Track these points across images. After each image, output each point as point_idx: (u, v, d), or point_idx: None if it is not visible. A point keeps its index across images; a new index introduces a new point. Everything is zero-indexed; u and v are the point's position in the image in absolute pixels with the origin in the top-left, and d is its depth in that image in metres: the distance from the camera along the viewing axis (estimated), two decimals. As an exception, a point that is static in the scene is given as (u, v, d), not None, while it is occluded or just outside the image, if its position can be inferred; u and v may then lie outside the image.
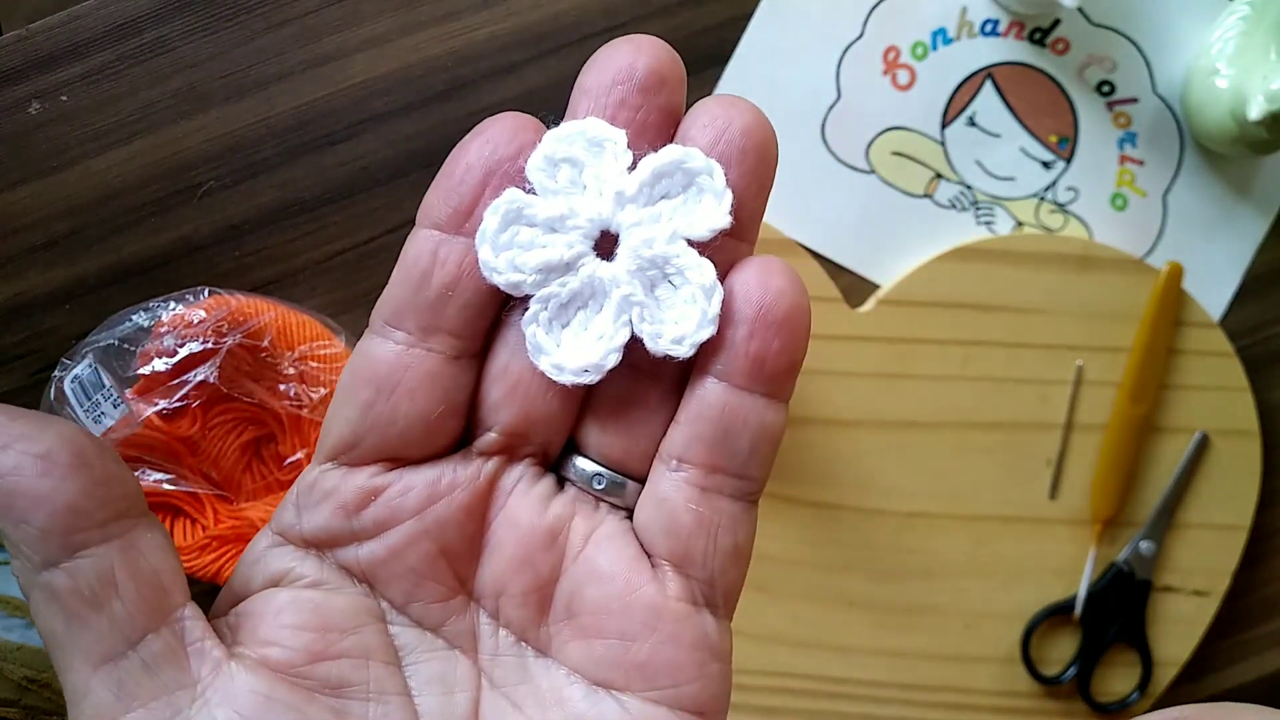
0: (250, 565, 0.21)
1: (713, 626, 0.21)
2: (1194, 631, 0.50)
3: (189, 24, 0.47)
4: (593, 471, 0.22)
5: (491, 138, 0.20)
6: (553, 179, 0.20)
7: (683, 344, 0.20)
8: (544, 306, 0.20)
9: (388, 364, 0.20)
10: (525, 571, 0.21)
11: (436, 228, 0.20)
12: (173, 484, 0.45)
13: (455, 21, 0.47)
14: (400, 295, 0.20)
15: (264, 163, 0.48)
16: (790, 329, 0.20)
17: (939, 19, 0.49)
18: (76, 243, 0.48)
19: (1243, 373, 0.49)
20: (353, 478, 0.21)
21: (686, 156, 0.20)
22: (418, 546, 0.21)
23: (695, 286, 0.20)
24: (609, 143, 0.20)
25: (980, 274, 0.48)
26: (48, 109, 0.47)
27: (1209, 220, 0.50)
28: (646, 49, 0.20)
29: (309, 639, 0.20)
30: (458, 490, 0.21)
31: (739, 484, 0.21)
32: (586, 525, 0.21)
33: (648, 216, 0.20)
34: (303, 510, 0.21)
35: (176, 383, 0.44)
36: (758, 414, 0.21)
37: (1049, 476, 0.49)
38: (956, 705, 0.50)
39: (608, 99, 0.20)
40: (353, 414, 0.21)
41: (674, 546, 0.21)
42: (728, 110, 0.20)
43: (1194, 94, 0.47)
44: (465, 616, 0.21)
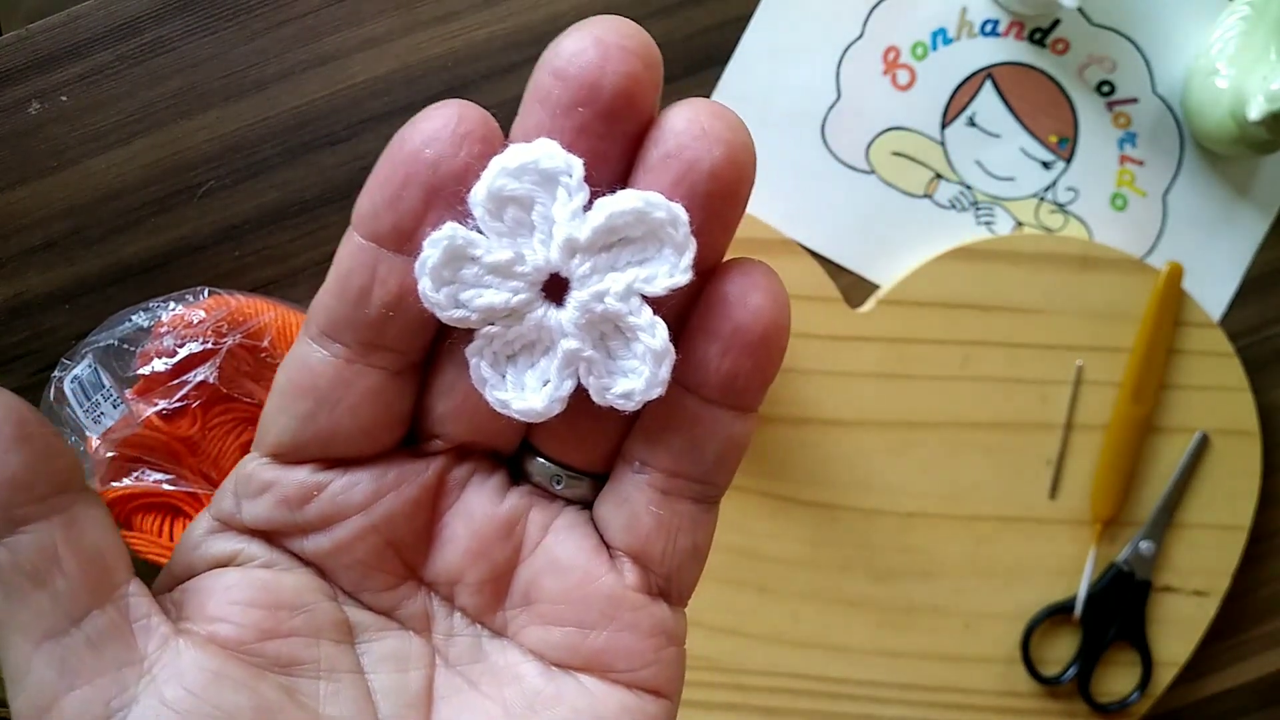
0: (191, 549, 0.21)
1: (668, 614, 0.21)
2: (1194, 631, 0.50)
3: (189, 24, 0.47)
4: (553, 472, 0.21)
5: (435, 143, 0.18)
6: (498, 219, 0.18)
7: (630, 399, 0.19)
8: (489, 342, 0.19)
9: (328, 378, 0.19)
10: (481, 562, 0.21)
11: (375, 240, 0.19)
12: (173, 484, 0.45)
13: (455, 22, 0.47)
14: (338, 309, 0.19)
15: (264, 163, 0.48)
16: (766, 349, 0.19)
17: (939, 19, 0.49)
18: (76, 243, 0.48)
19: (1243, 373, 0.49)
20: (293, 472, 0.20)
21: (648, 206, 0.18)
22: (365, 540, 0.20)
23: (646, 349, 0.19)
24: (563, 177, 0.18)
25: (980, 274, 0.48)
26: (48, 109, 0.47)
27: (1209, 220, 0.50)
28: (616, 56, 0.17)
29: (259, 616, 0.20)
30: (405, 485, 0.20)
31: (701, 489, 0.21)
32: (544, 516, 0.21)
33: (601, 266, 0.19)
34: (242, 500, 0.21)
35: (176, 383, 0.44)
36: (725, 426, 0.20)
37: (1049, 476, 0.49)
38: (956, 705, 0.50)
39: (566, 122, 0.18)
40: (292, 424, 0.20)
41: (633, 544, 0.21)
42: (697, 141, 0.18)
43: (1194, 94, 0.47)
44: (417, 600, 0.21)
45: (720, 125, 0.18)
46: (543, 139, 0.18)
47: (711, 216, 0.18)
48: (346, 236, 0.19)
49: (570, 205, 0.18)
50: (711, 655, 0.49)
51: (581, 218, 0.18)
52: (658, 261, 0.19)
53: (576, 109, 0.18)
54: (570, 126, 0.18)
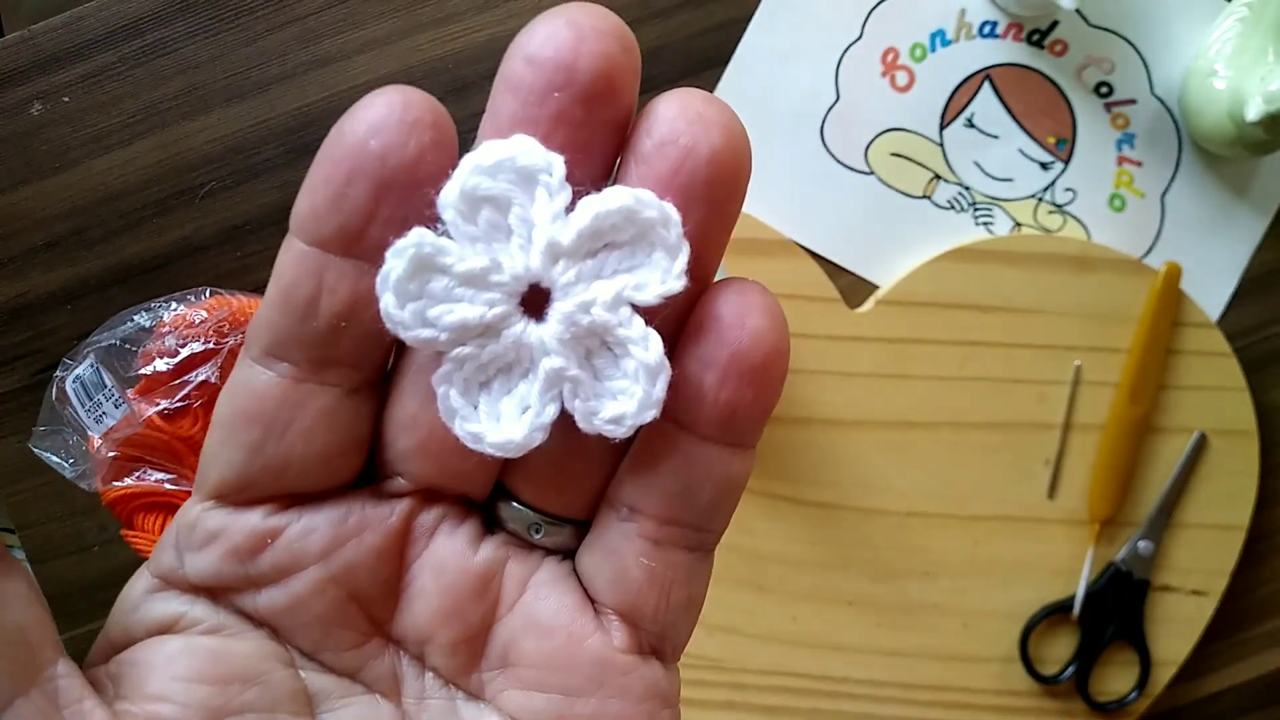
0: (129, 612, 0.18)
1: (661, 674, 0.19)
2: (1192, 631, 0.50)
3: (191, 25, 0.47)
4: (530, 519, 0.19)
5: (381, 132, 0.16)
6: (471, 222, 0.16)
7: (621, 424, 0.17)
8: (459, 366, 0.17)
9: (275, 401, 0.17)
10: (454, 620, 0.19)
11: (319, 245, 0.17)
12: (173, 484, 0.46)
13: (456, 23, 0.48)
14: (282, 323, 0.17)
15: (265, 164, 0.48)
16: (767, 377, 0.17)
17: (938, 20, 0.49)
18: (78, 243, 0.48)
19: (1241, 373, 0.50)
20: (242, 518, 0.18)
21: (638, 204, 0.16)
22: (325, 594, 0.18)
23: (638, 364, 0.17)
24: (542, 175, 0.16)
25: (979, 274, 0.49)
26: (50, 110, 0.47)
27: (1207, 221, 0.50)
28: (591, 36, 0.16)
29: (206, 693, 0.18)
30: (367, 531, 0.18)
31: (697, 536, 0.19)
32: (522, 570, 0.19)
33: (587, 273, 0.17)
34: (184, 552, 0.18)
35: (178, 383, 0.44)
36: (723, 465, 0.18)
37: (1047, 476, 0.49)
38: (955, 704, 0.50)
39: (541, 110, 0.16)
40: (238, 456, 0.18)
41: (623, 600, 0.19)
42: (693, 125, 0.16)
43: (1192, 95, 0.47)
44: (384, 659, 0.19)
45: (714, 111, 0.17)
46: (520, 135, 0.16)
47: (710, 211, 0.17)
48: (286, 244, 0.17)
49: (551, 206, 0.16)
50: (711, 655, 0.49)
51: (564, 219, 0.16)
52: (648, 267, 0.17)
53: (552, 94, 0.16)
54: (546, 115, 0.16)
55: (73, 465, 0.46)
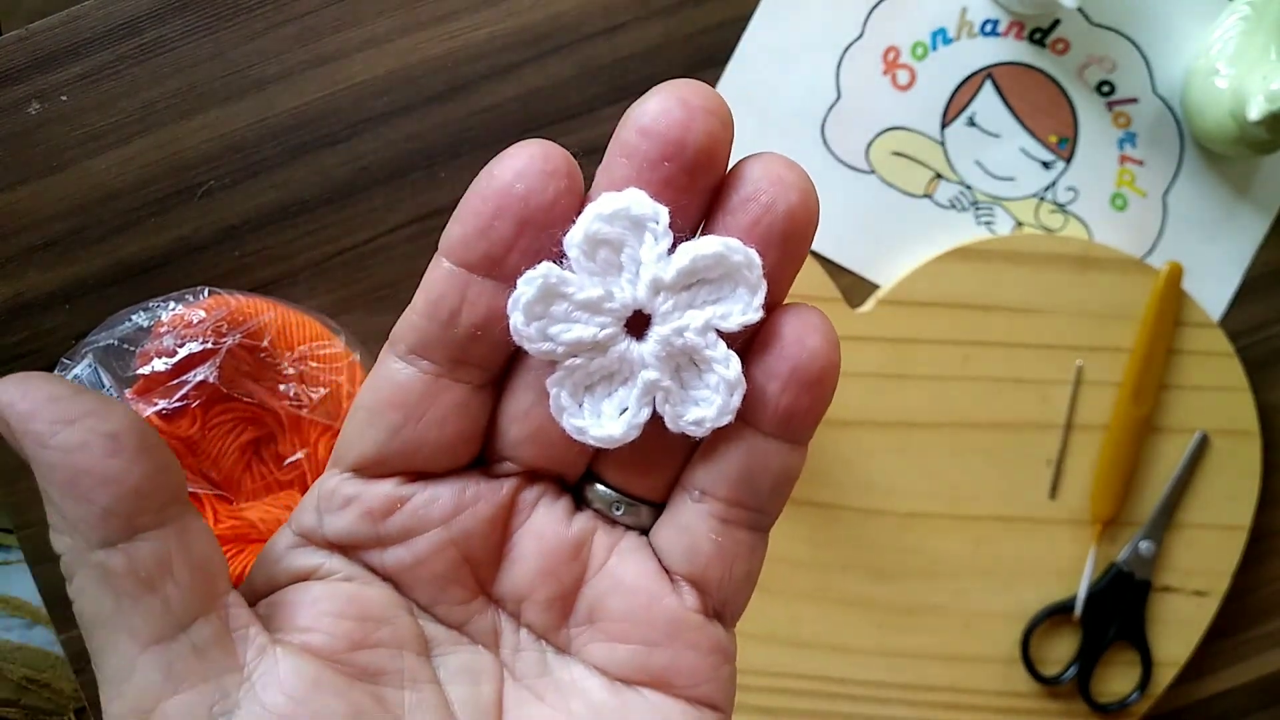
0: (273, 563, 0.22)
1: (724, 635, 0.23)
2: (1194, 631, 0.50)
3: (189, 24, 0.47)
4: (613, 499, 0.22)
5: (525, 178, 0.19)
6: (591, 259, 0.20)
7: (702, 426, 0.21)
8: (570, 374, 0.21)
9: (416, 392, 0.21)
10: (549, 581, 0.22)
11: (465, 266, 0.20)
12: (173, 484, 0.45)
13: (455, 22, 0.47)
14: (427, 328, 0.20)
15: (264, 163, 0.48)
16: (822, 388, 0.21)
17: (939, 19, 0.49)
18: (76, 243, 0.48)
19: (1243, 373, 0.49)
20: (376, 486, 0.21)
21: (727, 250, 0.20)
22: (443, 554, 0.21)
23: (720, 379, 0.20)
24: (650, 223, 0.20)
25: (980, 274, 0.48)
26: (47, 109, 0.47)
27: (1209, 220, 0.50)
28: (700, 116, 0.19)
29: (349, 626, 0.21)
30: (481, 502, 0.21)
31: (757, 517, 0.22)
32: (608, 539, 0.22)
33: (682, 304, 0.20)
34: (324, 514, 0.21)
35: (176, 383, 0.44)
36: (781, 458, 0.21)
37: (1049, 477, 0.49)
38: (956, 705, 0.50)
39: (652, 175, 0.19)
40: (380, 435, 0.21)
41: (693, 570, 0.22)
42: (774, 186, 0.20)
43: (1194, 94, 0.47)
44: (486, 616, 0.22)
45: (793, 175, 0.20)
46: (632, 189, 0.19)
47: (783, 256, 0.20)
48: (435, 262, 0.20)
49: (657, 249, 0.20)
50: (711, 655, 0.49)
51: (666, 260, 0.20)
52: (732, 300, 0.20)
53: (663, 163, 0.19)
54: (656, 179, 0.19)
55: (71, 465, 0.46)
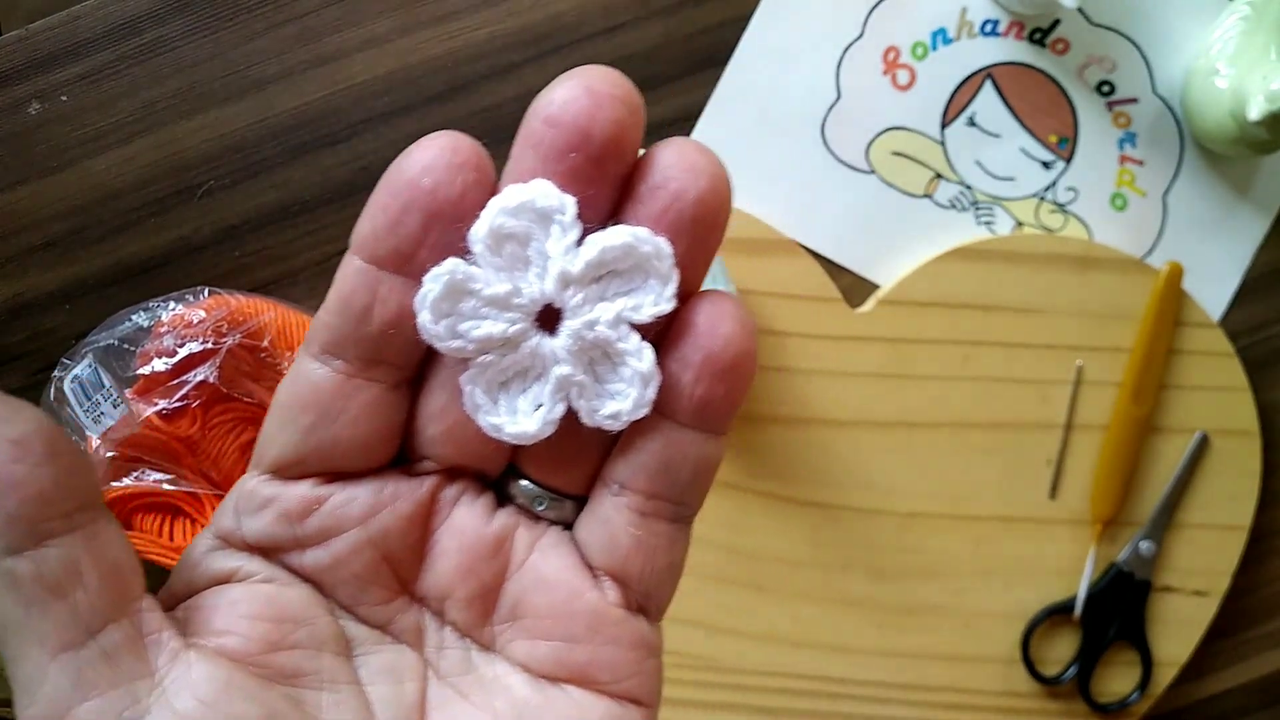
0: (192, 567, 0.21)
1: (648, 628, 0.22)
2: (1194, 631, 0.50)
3: (189, 24, 0.47)
4: (535, 494, 0.22)
5: (432, 171, 0.19)
6: (497, 254, 0.20)
7: (618, 419, 0.20)
8: (483, 370, 0.20)
9: (329, 392, 0.20)
10: (470, 578, 0.22)
11: (375, 263, 0.20)
12: (173, 484, 0.45)
13: (455, 22, 0.47)
14: (339, 326, 0.20)
15: (264, 163, 0.48)
16: (736, 375, 0.20)
17: (939, 19, 0.49)
18: (76, 243, 0.48)
19: (1243, 373, 0.49)
20: (294, 487, 0.21)
21: (636, 241, 0.19)
22: (362, 554, 0.21)
23: (634, 372, 0.20)
24: (557, 215, 0.19)
25: (980, 274, 0.48)
26: (47, 109, 0.47)
27: (1209, 220, 0.50)
28: (607, 105, 0.19)
29: (265, 628, 0.20)
30: (400, 500, 0.21)
31: (677, 509, 0.22)
32: (529, 536, 0.22)
33: (592, 296, 0.20)
34: (242, 516, 0.21)
35: (176, 383, 0.44)
36: (699, 449, 0.21)
37: (1049, 476, 0.49)
38: (956, 705, 0.50)
39: (559, 166, 0.19)
40: (294, 437, 0.21)
41: (614, 563, 0.22)
42: (684, 173, 0.19)
43: (1194, 94, 0.47)
44: (409, 614, 0.22)
45: (703, 160, 0.20)
46: (538, 180, 0.19)
47: (694, 243, 0.20)
48: (347, 259, 0.20)
49: (564, 241, 0.19)
50: (711, 655, 0.49)
51: (575, 252, 0.19)
52: (644, 291, 0.20)
53: (569, 154, 0.19)
54: (562, 170, 0.19)
55: (71, 465, 0.46)
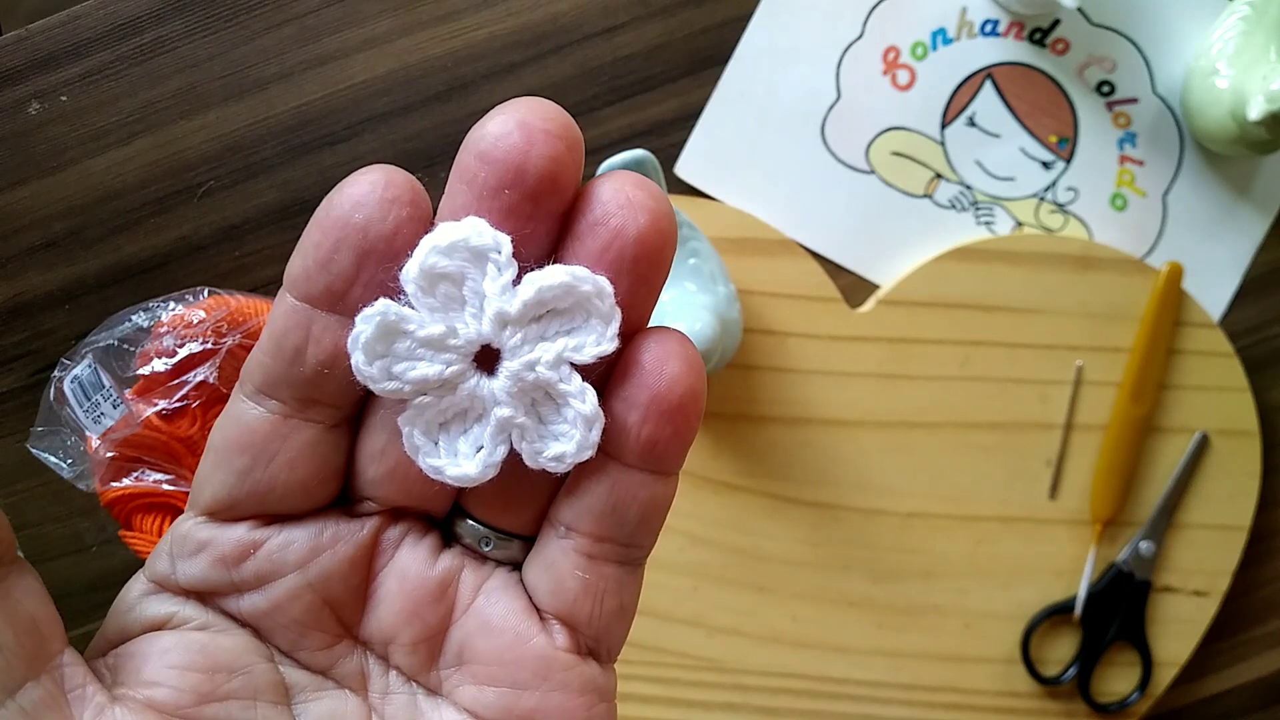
0: (125, 612, 0.21)
1: (598, 672, 0.22)
2: (1194, 632, 0.50)
3: (189, 24, 0.47)
4: (482, 534, 0.21)
5: (364, 208, 0.18)
6: (431, 294, 0.19)
7: (562, 462, 0.20)
8: (422, 412, 0.20)
9: (264, 434, 0.20)
10: (415, 622, 0.21)
11: (308, 301, 0.19)
12: (172, 484, 0.45)
13: (455, 22, 0.47)
14: (273, 367, 0.19)
15: (264, 163, 0.48)
16: (684, 415, 0.20)
17: (939, 19, 0.49)
18: (76, 243, 0.48)
19: (1243, 373, 0.49)
20: (229, 531, 0.20)
21: (575, 280, 0.19)
22: (301, 598, 0.20)
23: (576, 414, 0.19)
24: (492, 254, 0.18)
25: (980, 274, 0.48)
26: (47, 109, 0.47)
27: (1209, 220, 0.50)
28: (540, 139, 0.18)
29: (196, 679, 0.20)
30: (341, 544, 0.21)
31: (626, 551, 0.21)
32: (475, 578, 0.21)
33: (531, 336, 0.19)
34: (177, 560, 0.21)
35: (176, 383, 0.44)
36: (647, 489, 0.20)
37: (1049, 477, 0.49)
38: (956, 705, 0.50)
39: (493, 203, 0.18)
40: (229, 479, 0.20)
41: (561, 607, 0.21)
42: (622, 209, 0.19)
43: (1194, 94, 0.47)
44: (353, 659, 0.21)
45: (644, 195, 0.19)
46: (472, 217, 0.18)
47: (637, 281, 0.19)
48: (279, 297, 0.19)
49: (500, 280, 0.19)
50: (711, 655, 0.49)
51: (511, 292, 0.19)
52: (585, 331, 0.19)
53: (503, 191, 0.18)
54: (497, 207, 0.18)
55: (71, 466, 0.46)
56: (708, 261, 0.44)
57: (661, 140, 0.48)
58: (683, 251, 0.43)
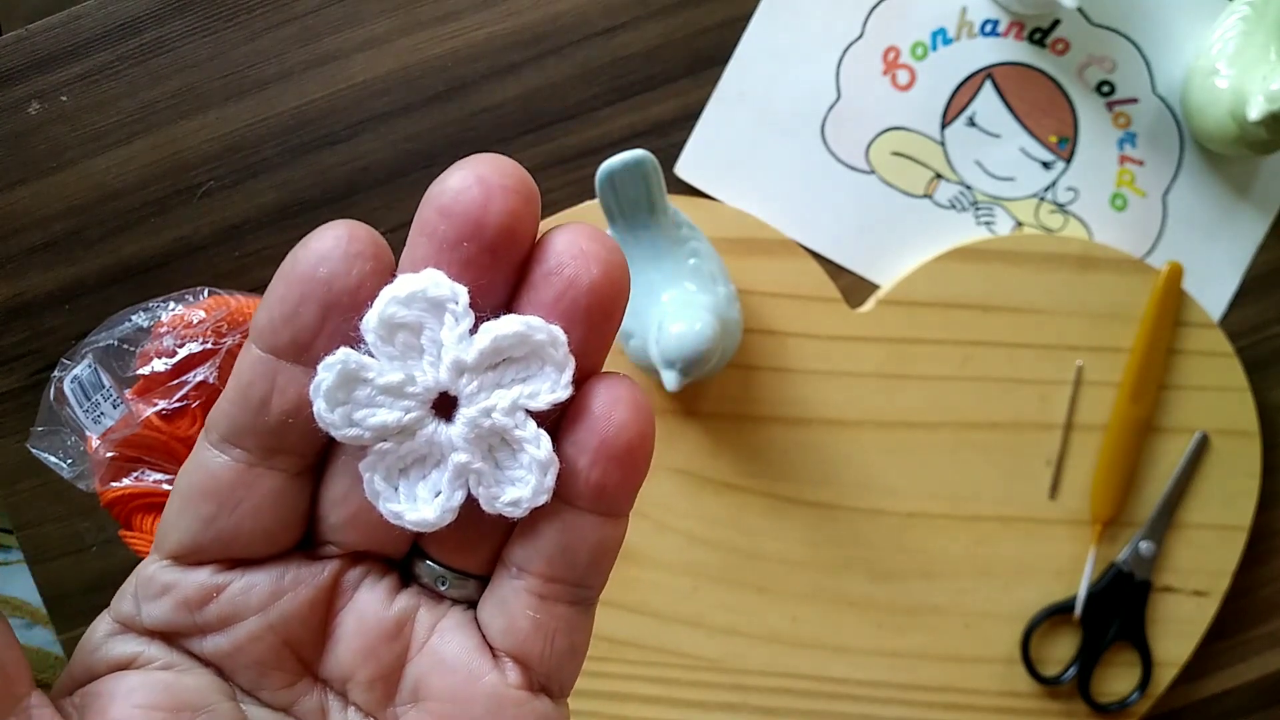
0: (90, 652, 0.21)
1: (551, 708, 0.22)
2: (1194, 632, 0.50)
3: (189, 24, 0.47)
4: (439, 573, 0.22)
5: (329, 261, 0.19)
6: (389, 343, 0.19)
7: (518, 507, 0.20)
8: (381, 458, 0.20)
9: (229, 482, 0.20)
10: (371, 661, 0.22)
11: (273, 352, 0.20)
12: (172, 484, 0.45)
13: (454, 22, 0.47)
14: (238, 416, 0.20)
15: (264, 163, 0.48)
16: (633, 460, 0.20)
17: (939, 19, 0.49)
18: (76, 243, 0.48)
19: (1242, 373, 0.49)
20: (192, 575, 0.21)
21: (529, 330, 0.19)
22: (262, 640, 0.21)
23: (531, 459, 0.20)
24: (449, 304, 0.19)
25: (980, 274, 0.48)
26: (47, 109, 0.47)
27: (1209, 220, 0.50)
28: (498, 195, 0.19)
29: (161, 718, 0.20)
30: (302, 587, 0.21)
31: (577, 591, 0.22)
32: (431, 616, 0.22)
33: (488, 384, 0.20)
34: (142, 602, 0.21)
35: (176, 383, 0.44)
36: (598, 532, 0.21)
37: (1049, 477, 0.49)
38: (956, 705, 0.50)
39: (452, 255, 0.19)
40: (194, 525, 0.21)
41: (513, 645, 0.22)
42: (576, 260, 0.19)
43: (1194, 94, 0.47)
44: (313, 696, 0.22)
45: (597, 247, 0.20)
46: (430, 269, 0.19)
47: (589, 330, 0.20)
48: (245, 348, 0.20)
49: (457, 330, 0.19)
50: (711, 655, 0.49)
51: (468, 341, 0.19)
52: (540, 378, 0.20)
53: (462, 244, 0.19)
54: (456, 260, 0.19)
55: (71, 466, 0.46)
56: (708, 261, 0.44)
57: (661, 140, 0.48)
58: (683, 251, 0.43)
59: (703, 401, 0.48)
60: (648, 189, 0.40)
